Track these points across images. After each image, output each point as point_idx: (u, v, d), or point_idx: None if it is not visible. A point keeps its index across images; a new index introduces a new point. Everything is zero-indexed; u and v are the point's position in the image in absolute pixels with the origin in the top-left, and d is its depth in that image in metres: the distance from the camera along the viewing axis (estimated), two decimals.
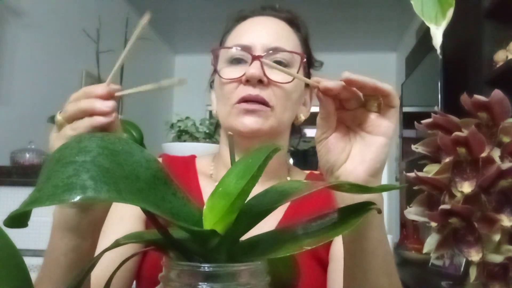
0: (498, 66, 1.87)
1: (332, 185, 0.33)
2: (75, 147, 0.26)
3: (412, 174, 0.45)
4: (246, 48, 0.72)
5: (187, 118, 1.66)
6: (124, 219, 0.73)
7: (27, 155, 1.92)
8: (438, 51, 0.35)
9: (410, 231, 2.93)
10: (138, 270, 0.73)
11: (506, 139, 0.43)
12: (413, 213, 0.46)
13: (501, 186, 0.42)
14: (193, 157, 0.85)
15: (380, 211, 0.34)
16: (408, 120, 3.43)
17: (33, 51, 2.49)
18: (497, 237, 0.41)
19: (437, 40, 0.34)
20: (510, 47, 1.84)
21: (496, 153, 0.43)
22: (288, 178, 0.80)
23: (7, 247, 0.28)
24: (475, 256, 0.41)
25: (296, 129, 0.83)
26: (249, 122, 0.70)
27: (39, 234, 1.59)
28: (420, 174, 0.45)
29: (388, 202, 4.66)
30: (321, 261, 0.72)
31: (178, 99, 4.72)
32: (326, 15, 3.92)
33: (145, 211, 0.28)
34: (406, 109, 3.48)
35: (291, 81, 0.72)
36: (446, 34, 0.34)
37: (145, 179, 0.27)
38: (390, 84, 0.47)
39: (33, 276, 0.29)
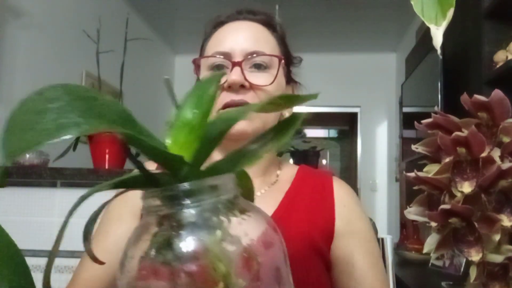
0: (498, 66, 1.87)
1: (265, 103, 0.34)
2: (40, 98, 0.27)
3: (412, 174, 0.45)
4: (226, 55, 0.74)
5: None
6: (122, 218, 0.74)
7: (27, 155, 1.92)
8: (439, 51, 0.35)
9: (410, 231, 2.93)
10: None
11: (506, 139, 0.43)
12: (413, 213, 0.47)
13: (501, 186, 0.42)
14: None
15: (305, 115, 0.36)
16: (408, 120, 3.43)
17: (33, 51, 2.49)
18: (497, 237, 0.41)
19: (437, 40, 0.34)
20: (510, 47, 1.84)
21: (496, 153, 0.43)
22: (278, 172, 0.81)
23: (8, 246, 0.28)
24: (475, 256, 0.41)
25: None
26: (235, 126, 0.71)
27: (40, 234, 1.59)
28: (420, 174, 0.45)
29: (388, 202, 4.67)
30: (321, 253, 0.73)
31: (178, 99, 4.71)
32: (326, 15, 3.92)
33: (124, 147, 0.30)
34: (406, 109, 3.48)
35: (272, 82, 0.74)
36: (446, 34, 0.34)
37: (113, 118, 0.28)
38: (390, 84, 0.47)
39: (34, 276, 0.29)
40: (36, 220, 1.66)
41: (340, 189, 0.80)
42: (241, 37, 0.76)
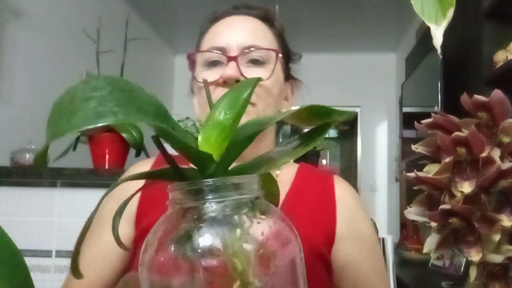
0: (498, 66, 1.87)
1: (291, 113, 0.36)
2: (86, 87, 0.29)
3: (412, 174, 0.45)
4: (221, 50, 0.72)
5: (187, 118, 1.66)
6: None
7: (27, 155, 1.92)
8: (439, 51, 0.35)
9: (410, 231, 2.93)
10: (131, 261, 0.73)
11: (506, 139, 0.43)
12: (413, 213, 0.47)
13: (501, 186, 0.42)
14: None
15: (335, 122, 0.37)
16: (408, 120, 3.43)
17: (33, 51, 2.49)
18: (497, 237, 0.41)
19: (437, 40, 0.34)
20: (510, 47, 1.84)
21: (496, 153, 0.43)
22: (278, 172, 0.79)
23: (7, 246, 0.28)
24: (475, 256, 0.41)
25: (281, 124, 0.84)
26: None
27: (39, 234, 1.59)
28: (420, 174, 0.45)
29: (388, 202, 4.66)
30: (323, 257, 0.72)
31: (178, 99, 4.72)
32: (326, 15, 3.92)
33: (157, 140, 0.32)
34: (406, 109, 3.48)
35: (269, 77, 0.72)
36: (446, 34, 0.34)
37: (150, 112, 0.30)
38: (390, 84, 0.47)
39: (33, 276, 0.29)
40: (36, 220, 1.66)
41: (341, 190, 0.78)
42: (237, 32, 0.74)
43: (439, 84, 2.41)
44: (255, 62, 0.72)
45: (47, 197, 1.58)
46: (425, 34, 2.79)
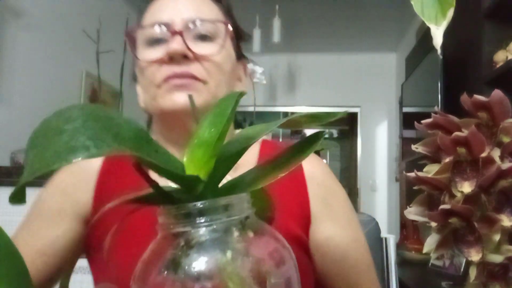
0: (498, 66, 1.87)
1: (285, 122, 0.35)
2: (59, 118, 0.28)
3: (412, 174, 0.45)
4: (165, 25, 0.66)
5: None
6: (63, 216, 0.69)
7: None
8: (439, 51, 0.35)
9: (410, 231, 2.93)
10: (87, 242, 0.69)
11: (506, 139, 0.43)
12: (413, 213, 0.47)
13: (501, 186, 0.42)
14: None
15: (327, 133, 0.36)
16: (408, 120, 3.43)
17: (33, 51, 2.49)
18: (497, 237, 0.41)
19: (437, 40, 0.34)
20: (510, 47, 1.84)
21: (496, 153, 0.43)
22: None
23: (7, 246, 0.28)
24: (475, 256, 0.41)
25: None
26: (181, 98, 0.63)
27: None
28: (420, 174, 0.45)
29: (388, 202, 4.66)
30: (300, 241, 0.68)
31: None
32: (326, 15, 3.92)
33: (138, 166, 0.31)
34: (406, 109, 3.48)
35: (219, 51, 0.66)
36: (446, 34, 0.34)
37: (129, 138, 0.29)
38: (390, 84, 0.47)
39: None
40: None
41: (310, 166, 0.72)
42: (181, 5, 0.67)
43: (439, 84, 2.41)
44: (203, 38, 0.66)
45: None
46: (425, 34, 2.79)
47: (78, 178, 0.70)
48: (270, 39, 3.63)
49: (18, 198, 0.28)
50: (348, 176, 6.14)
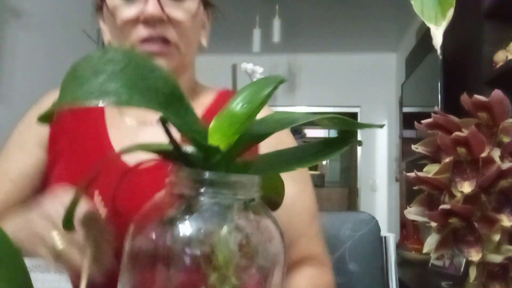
0: (498, 66, 1.87)
1: (317, 119, 0.34)
2: (102, 57, 0.28)
3: (412, 174, 0.45)
4: None
5: None
6: (25, 147, 0.73)
7: None
8: (438, 51, 0.35)
9: (410, 231, 2.93)
10: (47, 177, 0.72)
11: (506, 139, 0.43)
12: (413, 213, 0.47)
13: (501, 186, 0.42)
14: None
15: (360, 143, 0.36)
16: (408, 120, 3.43)
17: (33, 51, 2.49)
18: (497, 237, 0.41)
19: (437, 40, 0.34)
20: (510, 47, 1.84)
21: (496, 153, 0.43)
22: (192, 102, 0.75)
23: (7, 247, 0.28)
24: (475, 256, 0.41)
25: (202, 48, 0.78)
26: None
27: None
28: (420, 174, 0.45)
29: (388, 202, 4.66)
30: None
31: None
32: (326, 15, 3.92)
33: (163, 122, 0.31)
34: (406, 109, 3.48)
35: (192, 16, 0.68)
36: (446, 34, 0.34)
37: (163, 93, 0.29)
38: (390, 84, 0.47)
39: (33, 276, 0.29)
40: None
41: (262, 115, 0.73)
42: None
43: (439, 84, 2.41)
44: None
45: None
46: (425, 34, 2.79)
47: (45, 107, 0.73)
48: (270, 39, 3.62)
49: (45, 118, 0.28)
50: (348, 176, 6.14)
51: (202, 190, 0.31)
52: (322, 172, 6.44)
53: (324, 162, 6.74)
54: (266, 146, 0.69)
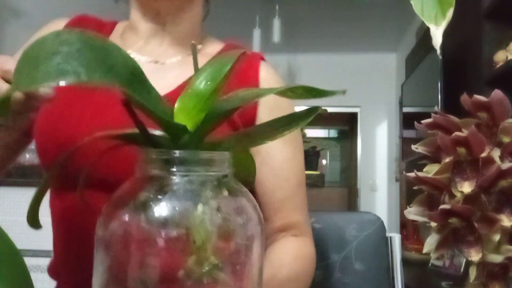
0: (498, 66, 1.87)
1: (281, 90, 0.36)
2: (55, 39, 0.27)
3: (412, 174, 0.45)
4: None
5: None
6: None
7: (27, 155, 1.92)
8: (438, 51, 0.35)
9: (410, 231, 2.93)
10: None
11: (506, 139, 0.43)
12: (413, 213, 0.47)
13: (501, 186, 0.42)
14: (115, 23, 0.84)
15: (325, 111, 0.36)
16: (408, 120, 3.43)
17: None
18: (497, 237, 0.41)
19: (437, 40, 0.34)
20: (510, 47, 1.84)
21: (496, 153, 0.43)
22: (200, 46, 0.76)
23: (7, 247, 0.28)
24: (475, 256, 0.41)
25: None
26: None
27: (39, 234, 1.59)
28: (420, 174, 0.45)
29: (388, 202, 4.66)
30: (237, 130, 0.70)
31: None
32: (326, 15, 3.92)
33: (127, 104, 0.30)
34: (406, 109, 3.48)
35: None
36: (446, 34, 0.34)
37: (123, 74, 0.28)
38: (390, 84, 0.47)
39: (33, 276, 0.29)
40: None
41: (267, 74, 0.74)
42: None
43: (439, 84, 2.41)
44: None
45: (47, 197, 1.59)
46: (425, 34, 2.79)
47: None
48: (270, 39, 3.62)
49: (1, 106, 0.28)
50: (348, 176, 6.14)
51: (173, 169, 0.30)
52: (322, 172, 6.44)
53: (324, 162, 6.74)
54: (264, 103, 0.70)
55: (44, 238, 1.57)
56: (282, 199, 0.69)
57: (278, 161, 0.70)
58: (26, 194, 1.70)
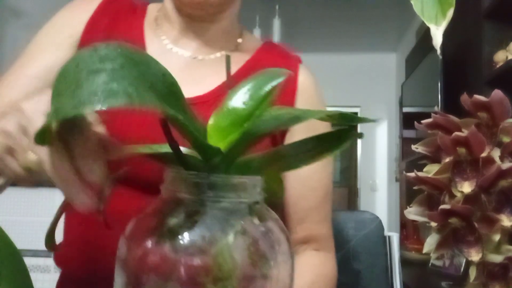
0: (498, 66, 1.87)
1: (320, 116, 0.33)
2: (94, 55, 0.25)
3: (412, 174, 0.45)
4: None
5: None
6: (59, 45, 0.68)
7: None
8: (438, 51, 0.35)
9: (410, 231, 2.93)
10: None
11: (506, 139, 0.43)
12: (413, 213, 0.47)
13: (501, 186, 0.42)
14: (146, 4, 0.76)
15: (362, 136, 0.34)
16: (408, 120, 3.43)
17: None
18: (497, 237, 0.41)
19: (437, 40, 0.34)
20: (510, 47, 1.84)
21: (496, 153, 0.43)
22: (239, 41, 0.73)
23: (7, 247, 0.28)
24: (475, 256, 0.41)
25: None
26: None
27: (40, 234, 1.59)
28: (420, 174, 0.45)
29: (388, 202, 4.66)
30: (274, 140, 0.67)
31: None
32: (326, 15, 3.92)
33: (165, 122, 0.28)
34: (406, 109, 3.48)
35: None
36: (446, 34, 0.34)
37: (162, 91, 0.26)
38: (390, 84, 0.47)
39: (33, 276, 0.29)
40: (36, 220, 1.66)
41: (306, 78, 0.72)
42: None
43: (439, 84, 2.41)
44: None
45: (47, 197, 1.58)
46: (425, 34, 2.79)
47: (80, 10, 0.70)
48: (270, 39, 3.62)
49: (41, 138, 0.25)
50: (348, 176, 6.14)
51: (204, 193, 0.28)
52: None
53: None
54: (301, 107, 0.67)
55: (44, 238, 1.56)
56: (306, 209, 0.68)
57: (306, 170, 0.67)
58: (26, 194, 1.70)
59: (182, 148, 0.31)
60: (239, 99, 0.31)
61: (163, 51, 0.67)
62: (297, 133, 0.67)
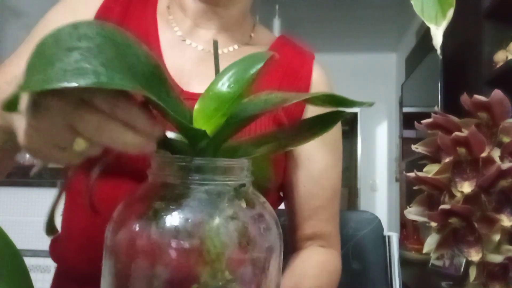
0: (498, 66, 1.87)
1: (307, 98, 0.33)
2: (73, 33, 0.25)
3: (412, 174, 0.45)
4: None
5: None
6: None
7: (27, 155, 1.92)
8: (438, 51, 0.35)
9: (410, 231, 2.93)
10: None
11: (506, 139, 0.43)
12: (413, 213, 0.47)
13: (501, 186, 0.42)
14: None
15: (348, 114, 0.34)
16: (408, 120, 3.43)
17: None
18: (497, 237, 0.41)
19: (437, 40, 0.34)
20: (510, 47, 1.84)
21: (496, 153, 0.43)
22: (252, 34, 0.72)
23: (7, 247, 0.28)
24: (475, 256, 0.41)
25: None
26: None
27: (39, 234, 1.59)
28: (420, 174, 0.45)
29: (388, 202, 4.66)
30: (281, 126, 0.66)
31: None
32: (326, 15, 3.92)
33: (146, 105, 0.28)
34: (406, 109, 3.48)
35: None
36: (446, 34, 0.34)
37: (143, 73, 0.26)
38: (390, 84, 0.47)
39: (33, 276, 0.29)
40: (36, 220, 1.66)
41: (320, 76, 0.71)
42: None
43: (439, 84, 2.41)
44: None
45: (47, 197, 1.59)
46: (425, 34, 2.79)
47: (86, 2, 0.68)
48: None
49: (9, 106, 0.25)
50: (348, 176, 6.14)
51: (190, 177, 0.28)
52: None
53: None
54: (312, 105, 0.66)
55: (44, 238, 1.57)
56: (315, 207, 0.67)
57: (318, 168, 0.67)
58: (26, 194, 1.70)
59: (169, 133, 0.31)
60: (224, 83, 0.31)
61: (177, 43, 0.66)
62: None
